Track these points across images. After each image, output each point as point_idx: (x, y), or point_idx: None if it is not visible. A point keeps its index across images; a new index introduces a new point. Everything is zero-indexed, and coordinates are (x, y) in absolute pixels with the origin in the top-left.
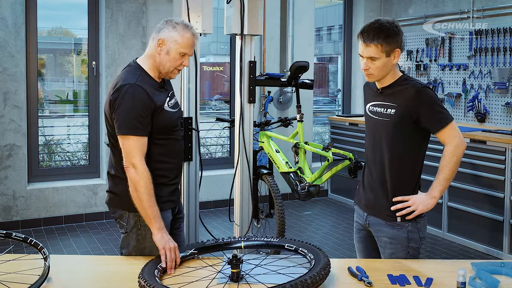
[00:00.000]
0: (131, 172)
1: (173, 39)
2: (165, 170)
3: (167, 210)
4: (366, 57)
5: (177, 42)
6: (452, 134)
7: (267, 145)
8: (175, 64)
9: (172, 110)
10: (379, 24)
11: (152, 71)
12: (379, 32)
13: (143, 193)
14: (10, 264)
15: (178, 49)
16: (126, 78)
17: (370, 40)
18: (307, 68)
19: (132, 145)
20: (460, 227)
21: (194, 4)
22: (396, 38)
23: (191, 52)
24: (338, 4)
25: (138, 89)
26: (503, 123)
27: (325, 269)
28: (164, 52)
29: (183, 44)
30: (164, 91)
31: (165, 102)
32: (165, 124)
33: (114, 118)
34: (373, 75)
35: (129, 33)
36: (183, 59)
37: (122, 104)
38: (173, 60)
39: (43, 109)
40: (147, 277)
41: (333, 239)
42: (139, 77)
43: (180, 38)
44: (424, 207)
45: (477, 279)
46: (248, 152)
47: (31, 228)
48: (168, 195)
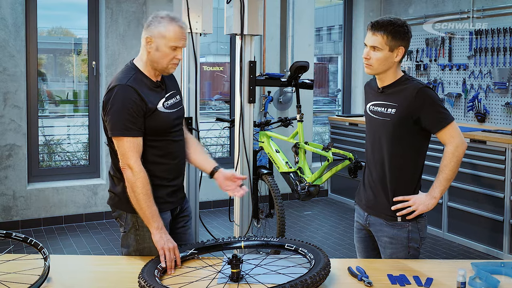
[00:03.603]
0: (128, 173)
1: (160, 34)
2: (161, 172)
3: (166, 211)
4: (370, 45)
5: (164, 37)
6: (452, 134)
7: (267, 145)
8: (167, 59)
9: (168, 110)
10: (391, 18)
11: (147, 70)
12: (388, 24)
13: (140, 194)
14: (10, 264)
15: (167, 44)
16: (118, 78)
17: (378, 29)
18: (307, 68)
19: (126, 146)
20: (460, 227)
21: (194, 4)
22: (403, 36)
23: (182, 44)
24: (338, 4)
25: (129, 90)
26: (503, 123)
27: (325, 269)
28: (154, 49)
29: (171, 38)
30: (161, 90)
31: (158, 103)
32: (158, 126)
33: (106, 119)
34: (372, 67)
35: (129, 33)
36: (176, 52)
37: (114, 105)
38: (165, 55)
39: (43, 109)
40: (147, 277)
41: (333, 239)
42: (132, 77)
43: (167, 32)
44: (425, 207)
45: (477, 279)
46: (248, 152)
47: (31, 228)
48: (165, 196)
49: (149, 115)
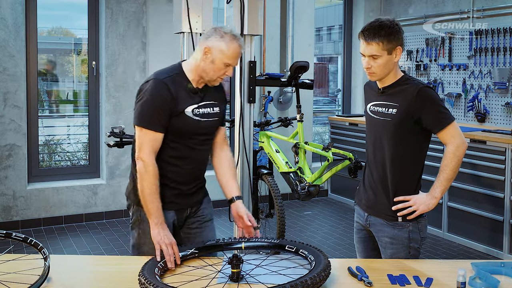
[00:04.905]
0: (139, 165)
1: (220, 49)
2: (171, 173)
3: (169, 210)
4: (368, 55)
5: (223, 52)
6: (453, 134)
7: (267, 145)
8: (218, 73)
9: (196, 118)
10: (380, 22)
11: (192, 75)
12: (380, 30)
13: (146, 187)
14: (10, 264)
15: (223, 59)
16: (158, 73)
17: (371, 38)
18: (307, 68)
19: (144, 138)
20: (460, 227)
21: (194, 4)
22: (397, 35)
23: (236, 63)
24: (338, 4)
25: (162, 86)
26: (503, 123)
27: (325, 270)
28: (209, 61)
29: (229, 55)
30: (196, 96)
31: (188, 107)
32: (179, 129)
33: (135, 108)
34: (375, 74)
35: (129, 33)
36: (227, 69)
37: (144, 96)
38: (217, 69)
39: (43, 109)
40: (147, 274)
41: (333, 239)
42: (171, 76)
43: (227, 50)
44: (425, 207)
45: (477, 279)
46: (248, 152)
47: (31, 228)
48: (171, 196)
49: (175, 115)
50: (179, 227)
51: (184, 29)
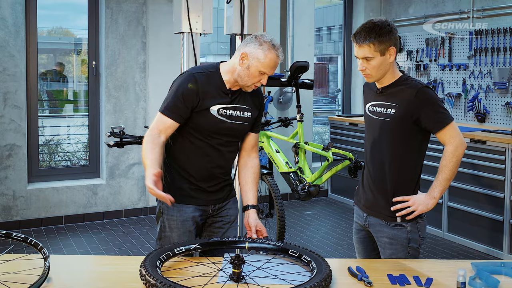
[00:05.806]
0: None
1: (256, 56)
2: (189, 167)
3: (188, 205)
4: (361, 57)
5: (259, 60)
6: (452, 134)
7: (267, 145)
8: (252, 80)
9: (221, 117)
10: (370, 24)
11: (227, 76)
12: (370, 32)
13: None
14: (10, 264)
15: (259, 67)
16: (193, 68)
17: (362, 40)
18: (307, 68)
19: (158, 120)
20: (460, 227)
21: (194, 4)
22: (389, 36)
23: (271, 72)
24: (338, 4)
25: (191, 79)
26: (503, 123)
27: (326, 280)
28: (245, 66)
29: (265, 64)
30: (227, 98)
31: (214, 105)
32: (201, 125)
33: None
34: (371, 75)
35: (129, 33)
36: (262, 77)
37: (173, 86)
38: (252, 76)
39: (43, 109)
40: (148, 267)
41: (333, 239)
42: (205, 73)
43: (264, 58)
44: (424, 207)
45: (477, 279)
46: None
47: (31, 228)
48: (188, 190)
49: (198, 110)
50: (202, 225)
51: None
